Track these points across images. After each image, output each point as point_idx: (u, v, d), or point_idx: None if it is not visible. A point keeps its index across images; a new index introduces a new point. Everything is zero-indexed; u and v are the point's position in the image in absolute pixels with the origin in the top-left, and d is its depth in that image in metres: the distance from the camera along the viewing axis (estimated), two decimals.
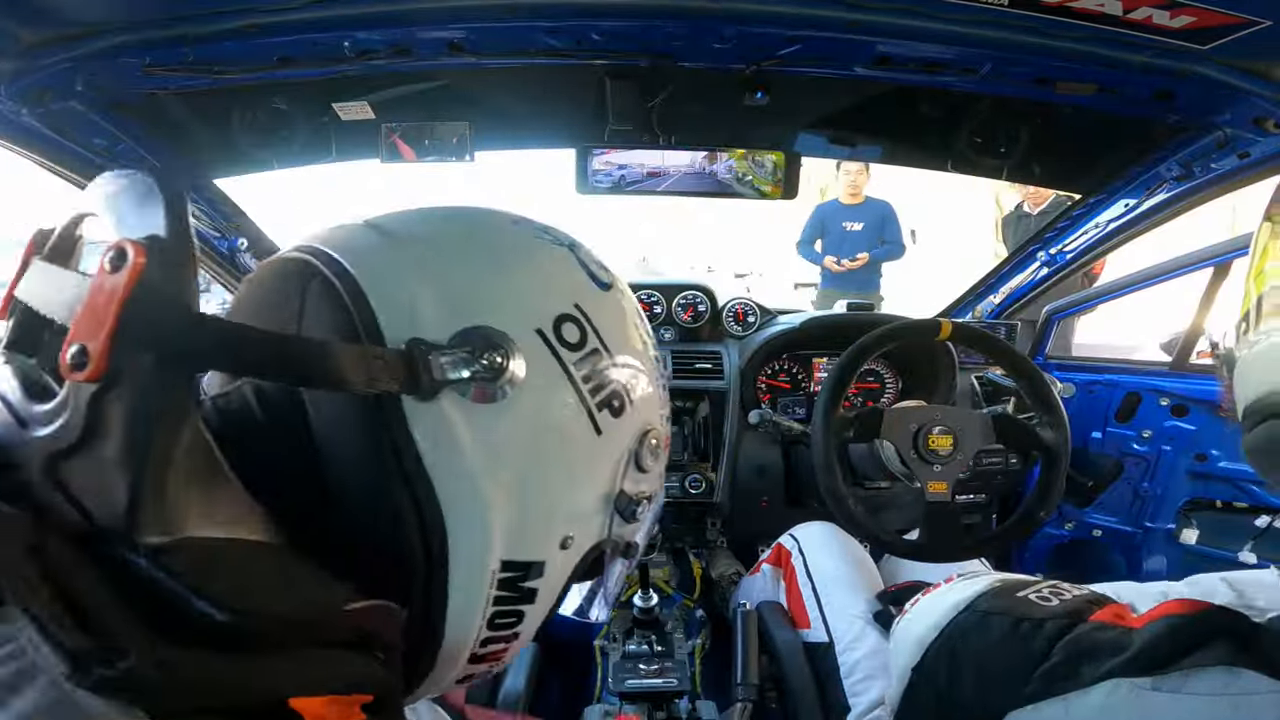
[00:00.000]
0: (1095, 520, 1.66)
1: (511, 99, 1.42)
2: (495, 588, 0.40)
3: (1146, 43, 0.89)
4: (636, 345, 0.46)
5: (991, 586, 0.58)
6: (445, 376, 0.36)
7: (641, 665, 1.10)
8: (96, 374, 0.28)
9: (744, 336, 1.70)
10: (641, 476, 0.47)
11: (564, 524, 0.43)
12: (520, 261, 0.44)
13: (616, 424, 0.43)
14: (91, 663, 0.25)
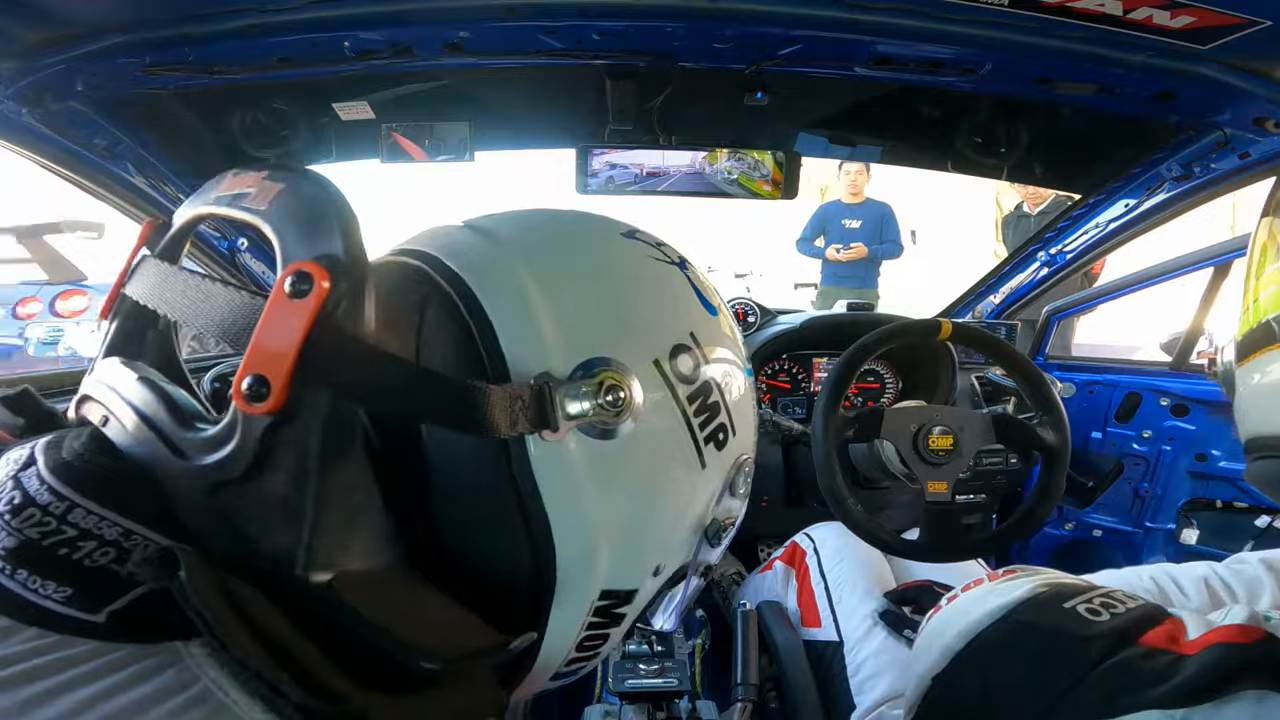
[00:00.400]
0: (1095, 520, 1.66)
1: (511, 99, 1.42)
2: (591, 615, 0.40)
3: (1146, 43, 0.89)
4: (738, 374, 0.45)
5: (1037, 593, 0.53)
6: (569, 411, 0.34)
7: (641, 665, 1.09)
8: (276, 407, 0.27)
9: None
10: (732, 501, 0.46)
11: (659, 554, 0.43)
12: (640, 284, 0.42)
13: (719, 456, 0.42)
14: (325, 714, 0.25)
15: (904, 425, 1.08)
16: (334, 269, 0.28)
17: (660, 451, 0.39)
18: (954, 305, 1.95)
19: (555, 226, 0.44)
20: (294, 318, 0.27)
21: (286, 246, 0.30)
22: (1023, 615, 0.51)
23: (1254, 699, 0.37)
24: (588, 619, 0.40)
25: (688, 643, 1.22)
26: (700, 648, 1.25)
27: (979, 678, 0.51)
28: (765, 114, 1.20)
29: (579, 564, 0.37)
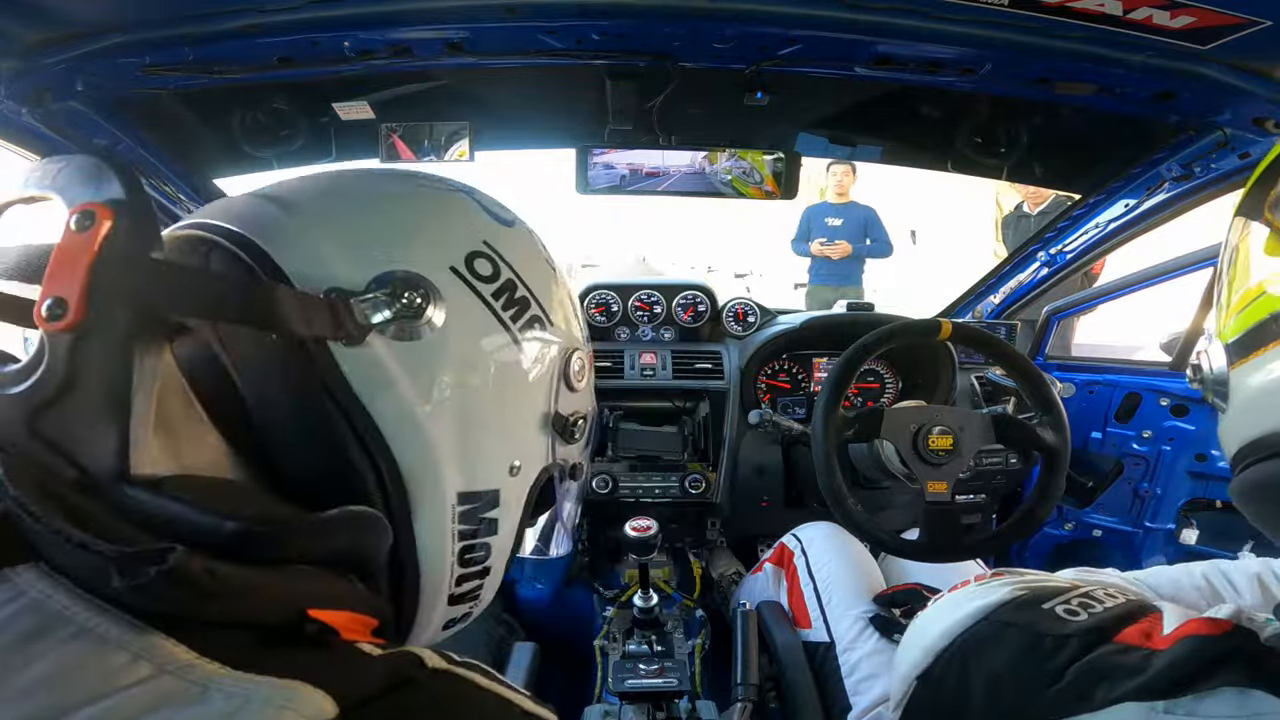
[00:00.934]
0: (1095, 520, 1.66)
1: (511, 99, 1.42)
2: (458, 521, 0.42)
3: (1146, 43, 0.89)
4: (547, 273, 0.49)
5: (1017, 595, 0.54)
6: (369, 320, 0.38)
7: (641, 665, 1.10)
8: (74, 322, 0.29)
9: (744, 336, 1.70)
10: (573, 396, 0.50)
11: (508, 450, 0.45)
12: (421, 208, 0.46)
13: (540, 348, 0.46)
14: (141, 562, 0.26)
15: (904, 425, 1.08)
16: (115, 204, 0.31)
17: (474, 347, 0.42)
18: (954, 305, 1.95)
19: (328, 176, 0.48)
20: (82, 243, 0.30)
21: (72, 201, 0.32)
22: (1003, 616, 0.53)
23: (1235, 694, 0.37)
24: (455, 526, 0.42)
25: (688, 643, 1.22)
26: (700, 648, 1.25)
27: (960, 676, 0.53)
28: (765, 114, 1.20)
29: (420, 461, 0.40)
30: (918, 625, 0.61)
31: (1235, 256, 0.46)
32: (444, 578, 0.43)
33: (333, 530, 0.35)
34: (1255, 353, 0.43)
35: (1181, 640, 0.42)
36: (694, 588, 1.52)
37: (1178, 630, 0.43)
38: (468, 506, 0.43)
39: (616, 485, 1.48)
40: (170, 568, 0.26)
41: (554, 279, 0.50)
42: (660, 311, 1.72)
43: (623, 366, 1.60)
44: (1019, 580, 0.57)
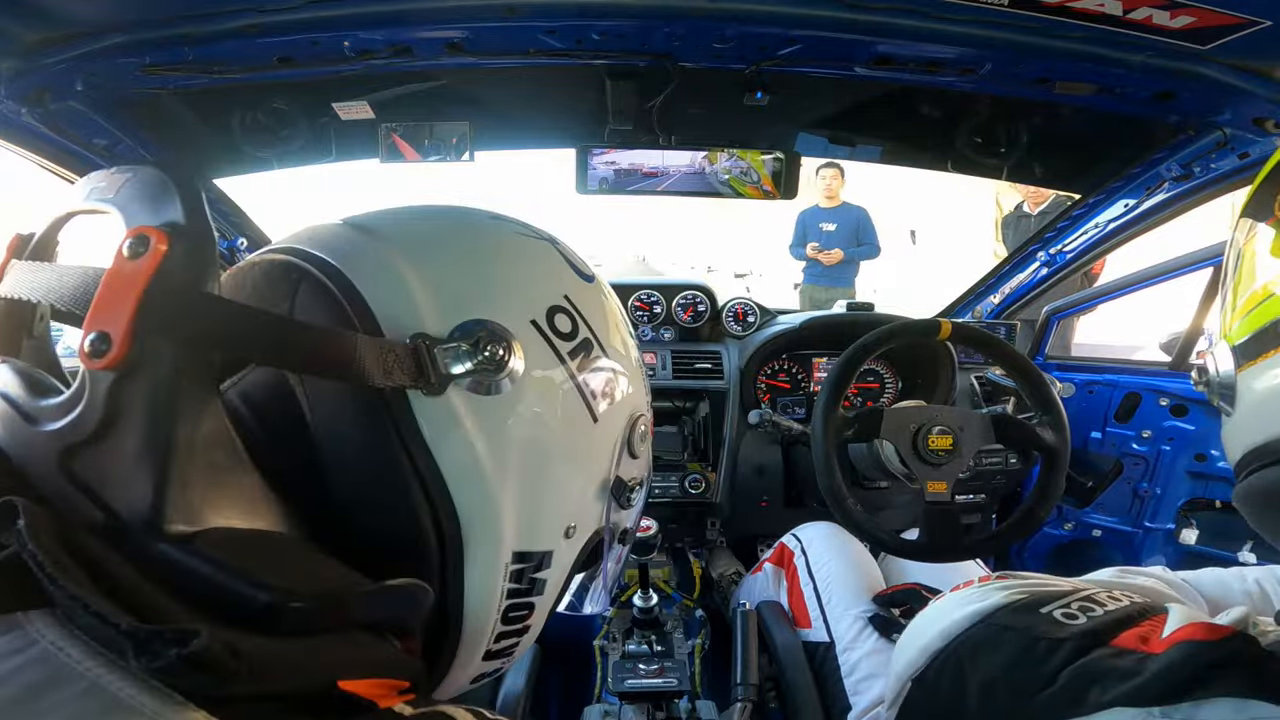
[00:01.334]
0: (1095, 520, 1.66)
1: (511, 99, 1.42)
2: (509, 580, 0.41)
3: (1146, 43, 0.89)
4: (622, 334, 0.48)
5: (1015, 599, 0.54)
6: (450, 370, 0.36)
7: (641, 665, 1.10)
8: (118, 360, 0.27)
9: (744, 336, 1.70)
10: (633, 462, 0.48)
11: (567, 512, 0.44)
12: (508, 256, 0.44)
13: (610, 410, 0.45)
14: (159, 644, 0.24)
15: (903, 425, 1.08)
16: (173, 230, 0.29)
17: (548, 404, 0.41)
18: (954, 305, 1.95)
19: (421, 211, 0.47)
20: (131, 274, 0.28)
21: (130, 221, 0.30)
22: (1000, 619, 0.52)
23: (1233, 701, 0.37)
24: (505, 584, 0.41)
25: (688, 643, 1.22)
26: (700, 648, 1.25)
27: (955, 679, 0.52)
28: (765, 114, 1.20)
29: (481, 517, 0.38)
30: (915, 627, 0.60)
31: (1242, 258, 0.45)
32: (485, 634, 0.42)
33: (378, 602, 0.33)
34: (1262, 357, 0.42)
35: (1178, 645, 0.41)
36: (694, 588, 1.52)
37: (1174, 634, 0.43)
38: (521, 566, 0.41)
39: None
40: (191, 651, 0.23)
41: (627, 341, 0.48)
42: (660, 311, 1.72)
43: None
44: (1020, 584, 0.57)
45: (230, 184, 1.53)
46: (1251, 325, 0.43)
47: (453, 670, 0.42)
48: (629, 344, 0.49)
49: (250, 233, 1.60)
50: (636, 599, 1.20)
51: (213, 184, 1.47)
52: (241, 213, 1.57)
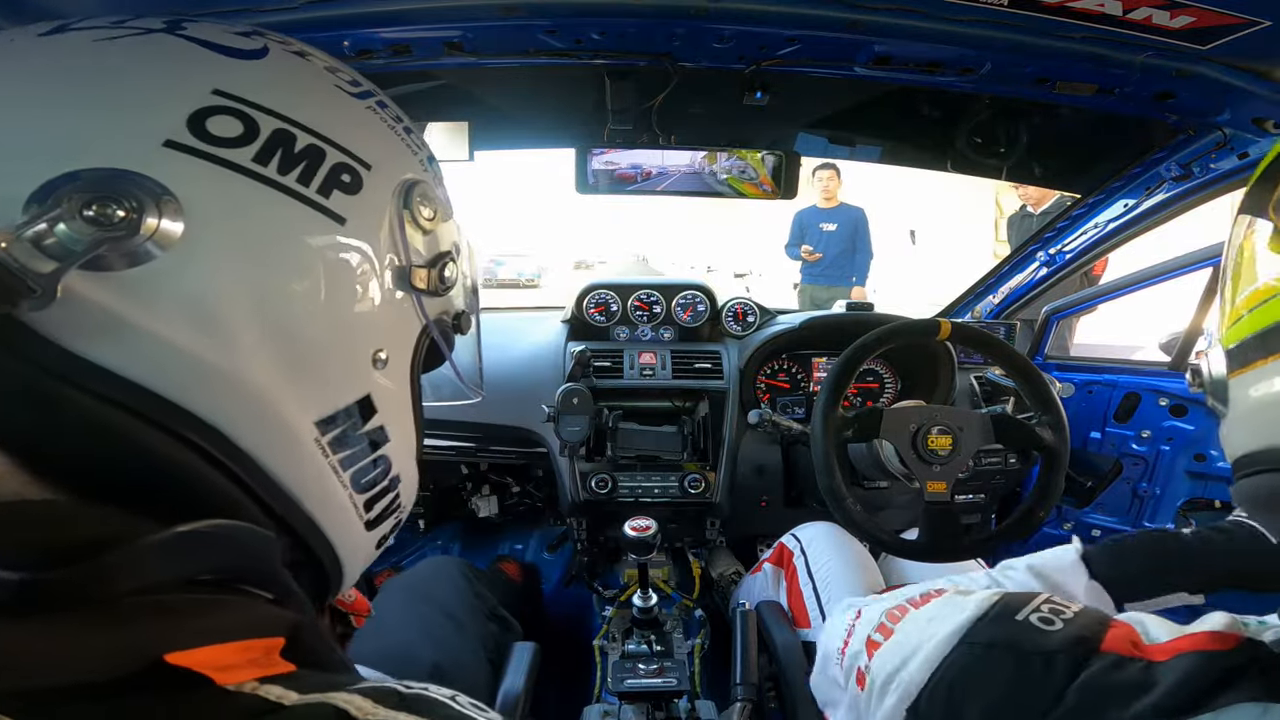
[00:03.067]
0: (1094, 520, 1.66)
1: (511, 99, 1.42)
2: (331, 451, 0.35)
3: (1146, 43, 0.89)
4: (340, 103, 0.38)
5: (986, 609, 0.51)
6: (40, 265, 0.26)
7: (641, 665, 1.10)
8: None
9: (743, 336, 1.70)
10: (428, 238, 0.40)
11: (359, 343, 0.36)
12: (103, 66, 0.32)
13: (359, 198, 0.36)
14: None
15: (903, 425, 1.08)
16: None
17: (251, 235, 0.31)
18: (953, 305, 1.95)
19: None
20: None
21: None
22: (984, 635, 0.49)
23: (1254, 707, 0.36)
24: (329, 459, 0.35)
25: (687, 642, 1.22)
26: (699, 648, 1.25)
27: (952, 704, 0.48)
28: (765, 114, 1.20)
29: (246, 414, 0.31)
30: (887, 662, 0.55)
31: (1240, 256, 0.44)
32: (348, 513, 0.37)
33: (181, 552, 0.27)
34: (1251, 366, 0.41)
35: (1188, 655, 0.40)
36: (693, 588, 1.52)
37: (1175, 643, 0.42)
38: (336, 431, 0.35)
39: (616, 485, 1.48)
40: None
41: (352, 103, 0.39)
42: (660, 311, 1.72)
43: (622, 366, 1.60)
44: (984, 592, 0.54)
45: None
46: (1242, 331, 0.42)
47: (343, 560, 0.38)
48: (356, 106, 0.39)
49: None
50: (636, 599, 1.20)
51: None
52: None
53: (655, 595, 1.20)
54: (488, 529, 1.98)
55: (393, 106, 0.43)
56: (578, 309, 1.72)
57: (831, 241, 4.11)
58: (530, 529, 1.99)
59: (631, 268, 22.97)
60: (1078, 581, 0.72)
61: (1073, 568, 0.73)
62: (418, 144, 0.43)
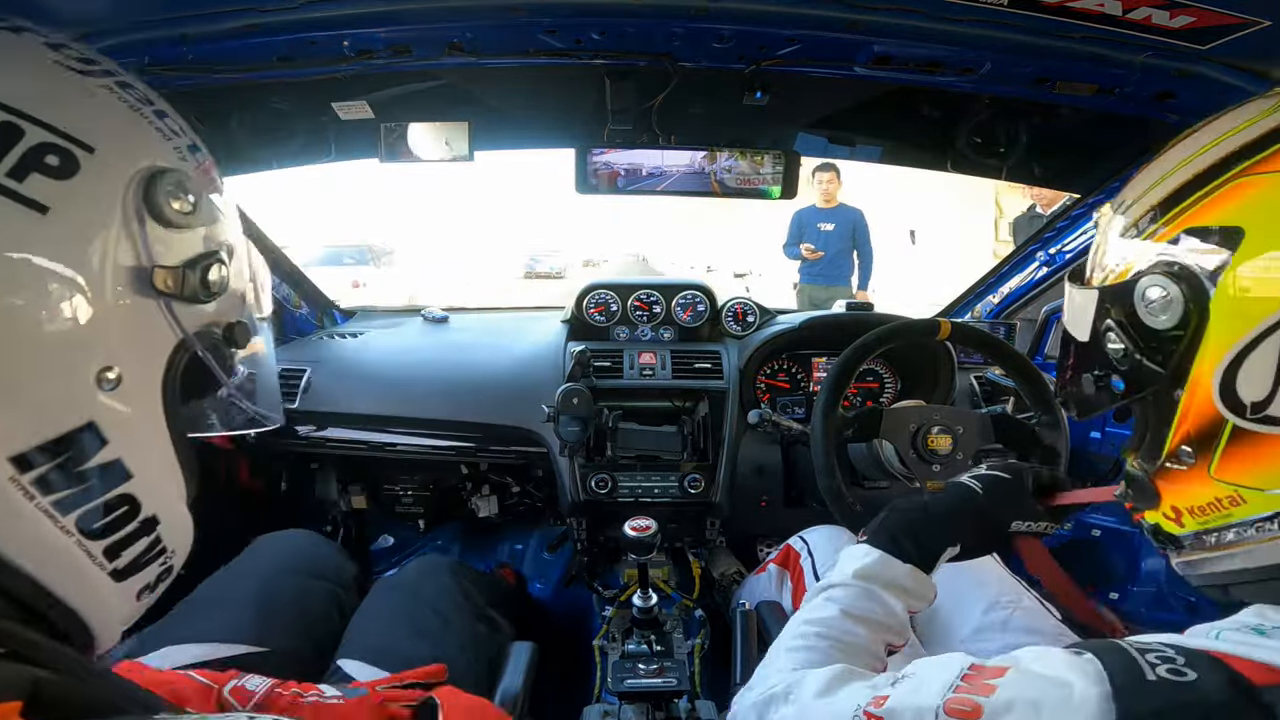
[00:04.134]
0: (1094, 520, 1.66)
1: (511, 99, 1.42)
2: (39, 493, 0.29)
3: (1146, 43, 0.89)
4: (58, 75, 0.33)
5: (953, 694, 0.43)
6: None
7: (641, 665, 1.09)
8: None
9: (743, 336, 1.70)
10: (178, 234, 0.34)
11: (80, 360, 0.30)
12: None
13: (71, 185, 0.30)
14: None
15: (903, 425, 1.08)
16: None
17: None
18: (953, 305, 1.95)
19: None
20: None
21: None
22: (1137, 710, 0.37)
23: None
24: (37, 502, 0.30)
25: (687, 643, 1.22)
26: (699, 648, 1.25)
27: None
28: (765, 114, 1.20)
29: None
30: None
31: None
32: (78, 562, 0.32)
33: None
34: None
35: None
36: (693, 588, 1.52)
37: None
38: (43, 468, 0.29)
39: (615, 485, 1.48)
40: None
41: (74, 83, 0.34)
42: (660, 311, 1.72)
43: (622, 366, 1.60)
44: (950, 671, 0.46)
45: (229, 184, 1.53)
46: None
47: (84, 615, 0.33)
48: (79, 84, 0.34)
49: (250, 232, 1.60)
50: (636, 599, 1.20)
51: None
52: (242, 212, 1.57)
53: (655, 595, 1.20)
54: (488, 529, 1.98)
55: (141, 88, 0.37)
56: (578, 309, 1.72)
57: (829, 241, 4.14)
58: (530, 529, 1.99)
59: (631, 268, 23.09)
60: (895, 570, 0.69)
61: (882, 561, 0.70)
62: (175, 129, 0.38)
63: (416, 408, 1.59)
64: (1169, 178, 0.45)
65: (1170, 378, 0.44)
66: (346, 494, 1.88)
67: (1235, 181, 0.41)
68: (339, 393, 1.61)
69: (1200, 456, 0.44)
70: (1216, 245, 0.40)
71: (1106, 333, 0.48)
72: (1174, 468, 0.46)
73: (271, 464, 1.79)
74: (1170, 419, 0.45)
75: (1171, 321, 0.42)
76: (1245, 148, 0.41)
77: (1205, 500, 0.44)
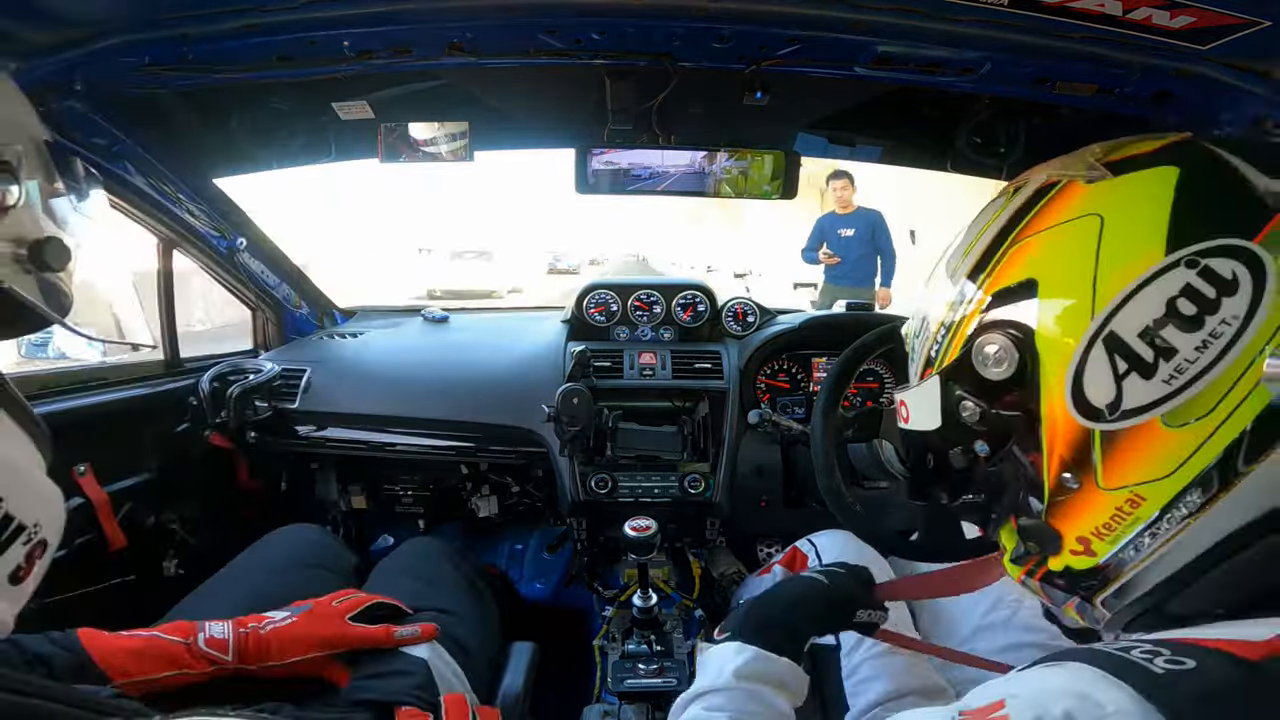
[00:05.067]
0: None
1: (511, 99, 1.42)
2: None
3: (1146, 43, 0.88)
4: None
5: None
6: None
7: (640, 665, 1.10)
8: None
9: (743, 336, 1.70)
10: None
11: None
12: None
13: None
14: None
15: None
16: None
17: None
18: None
19: None
20: None
21: None
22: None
23: None
24: None
25: (687, 642, 1.22)
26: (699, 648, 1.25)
27: None
28: (765, 114, 1.20)
29: None
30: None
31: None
32: None
33: None
34: None
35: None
36: (693, 588, 1.52)
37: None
38: None
39: (615, 485, 1.48)
40: None
41: None
42: (660, 311, 1.72)
43: (622, 366, 1.60)
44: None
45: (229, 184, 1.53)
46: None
47: None
48: None
49: (250, 233, 1.60)
50: (636, 599, 1.20)
51: (213, 184, 1.47)
52: (242, 213, 1.57)
53: (655, 595, 1.20)
54: (488, 529, 1.98)
55: None
56: (578, 309, 1.72)
57: (850, 245, 4.25)
58: (530, 529, 1.99)
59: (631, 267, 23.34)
60: (776, 666, 0.69)
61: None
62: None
63: (416, 408, 1.59)
64: (968, 256, 0.54)
65: (1027, 417, 0.48)
66: (346, 494, 1.88)
67: (1015, 247, 0.51)
68: (339, 393, 1.61)
69: (1083, 476, 0.45)
70: (1023, 295, 0.48)
71: (959, 405, 0.52)
72: (1063, 498, 0.47)
73: (271, 464, 1.79)
74: (1040, 454, 0.47)
75: (1011, 368, 0.47)
76: (1009, 223, 0.53)
77: (1107, 515, 0.45)
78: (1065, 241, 0.48)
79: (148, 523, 1.42)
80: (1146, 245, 0.42)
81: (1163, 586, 0.44)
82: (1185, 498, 0.41)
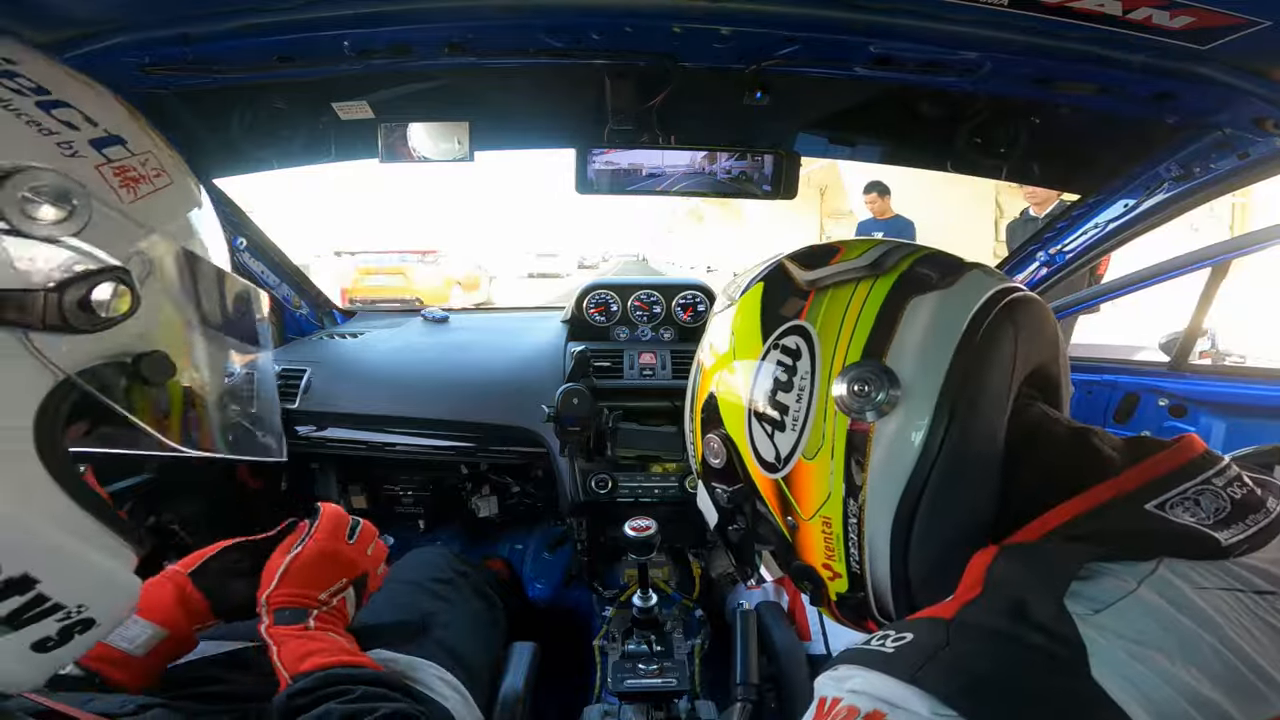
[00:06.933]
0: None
1: (511, 99, 1.42)
2: None
3: (1146, 43, 0.88)
4: None
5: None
6: None
7: (641, 665, 1.10)
8: None
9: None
10: (40, 248, 0.27)
11: None
12: None
13: None
14: None
15: None
16: None
17: None
18: None
19: None
20: None
21: None
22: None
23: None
24: None
25: (687, 643, 1.22)
26: (699, 648, 1.25)
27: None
28: (765, 114, 1.20)
29: None
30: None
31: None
32: None
33: None
34: None
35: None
36: (693, 588, 1.52)
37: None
38: None
39: (616, 485, 1.48)
40: None
41: None
42: (660, 311, 1.72)
43: (622, 366, 1.60)
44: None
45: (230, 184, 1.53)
46: None
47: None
48: None
49: (250, 233, 1.60)
50: (636, 599, 1.20)
51: (213, 184, 1.47)
52: (241, 213, 1.57)
53: (655, 595, 1.20)
54: (488, 529, 1.98)
55: (28, 77, 0.31)
56: (578, 309, 1.72)
57: None
58: (530, 529, 1.99)
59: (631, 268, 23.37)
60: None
61: None
62: (68, 121, 0.30)
63: (416, 408, 1.59)
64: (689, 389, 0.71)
65: (748, 486, 0.57)
66: (346, 494, 1.88)
67: (700, 371, 0.69)
68: (339, 393, 1.61)
69: (793, 515, 0.55)
70: (712, 403, 0.61)
71: (714, 494, 0.65)
72: (795, 538, 0.56)
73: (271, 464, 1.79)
74: (768, 508, 0.56)
75: (725, 455, 0.58)
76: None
77: (822, 540, 0.53)
78: (722, 354, 0.62)
79: (147, 523, 1.42)
80: (756, 343, 0.56)
81: (895, 585, 0.50)
82: (848, 508, 0.50)
